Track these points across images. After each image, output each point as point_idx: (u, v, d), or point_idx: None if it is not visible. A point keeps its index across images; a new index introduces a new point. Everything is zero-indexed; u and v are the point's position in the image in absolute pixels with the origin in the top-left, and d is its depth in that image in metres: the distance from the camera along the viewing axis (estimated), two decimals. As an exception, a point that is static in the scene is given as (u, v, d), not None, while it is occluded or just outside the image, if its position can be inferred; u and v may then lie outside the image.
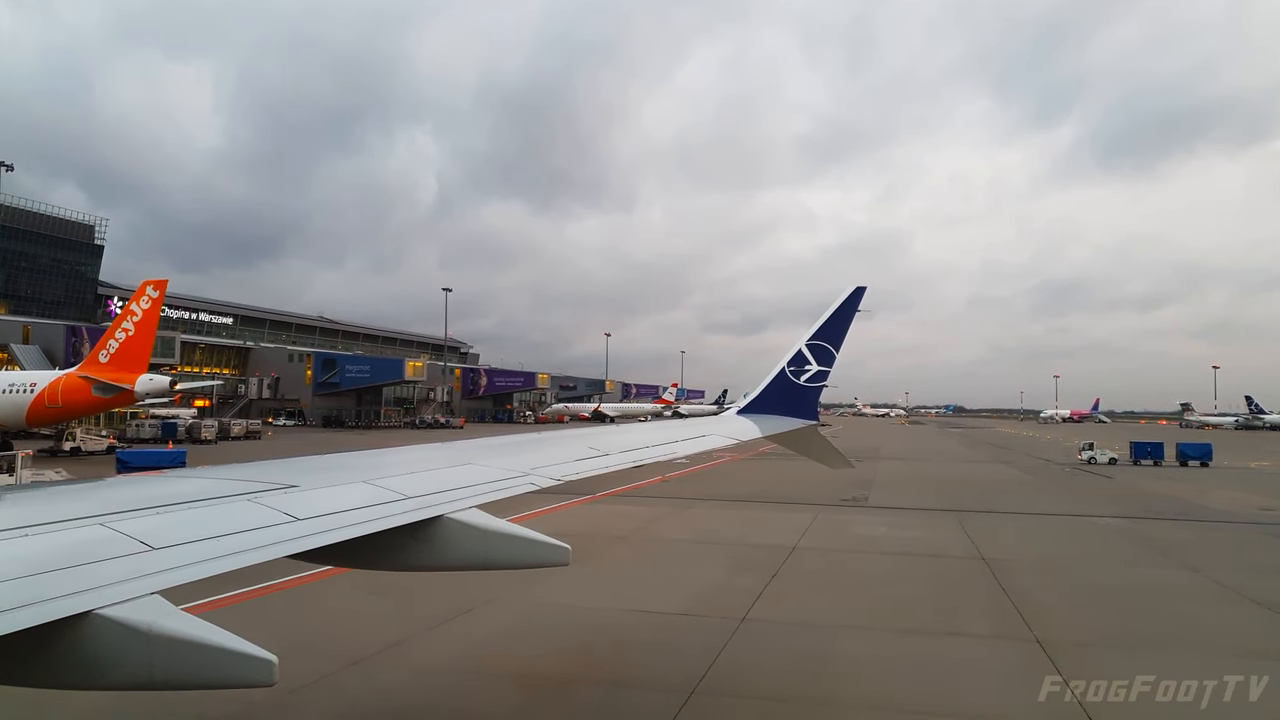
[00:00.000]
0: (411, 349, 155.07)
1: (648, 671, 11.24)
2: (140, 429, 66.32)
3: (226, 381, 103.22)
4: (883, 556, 19.85)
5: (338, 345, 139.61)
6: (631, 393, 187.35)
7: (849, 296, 12.04)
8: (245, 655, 3.10)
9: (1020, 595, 15.60)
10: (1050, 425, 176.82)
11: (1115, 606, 15.19)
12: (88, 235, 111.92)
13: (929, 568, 18.58)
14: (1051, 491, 36.50)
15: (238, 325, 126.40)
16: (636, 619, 13.82)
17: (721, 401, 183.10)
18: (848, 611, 14.48)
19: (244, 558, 3.65)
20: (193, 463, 46.42)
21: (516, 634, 12.81)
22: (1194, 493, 35.37)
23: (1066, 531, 24.61)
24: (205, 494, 4.44)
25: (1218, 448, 57.94)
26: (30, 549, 3.31)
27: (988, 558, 19.45)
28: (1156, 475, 44.65)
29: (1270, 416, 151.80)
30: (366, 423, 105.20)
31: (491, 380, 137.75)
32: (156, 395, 50.12)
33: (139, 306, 47.54)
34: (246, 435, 72.50)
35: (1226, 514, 28.57)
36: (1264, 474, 49.13)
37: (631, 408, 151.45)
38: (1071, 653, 11.92)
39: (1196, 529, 25.13)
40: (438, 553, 4.64)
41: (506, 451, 6.88)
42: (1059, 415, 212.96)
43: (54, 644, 2.99)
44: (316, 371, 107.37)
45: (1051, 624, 13.56)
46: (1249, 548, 21.89)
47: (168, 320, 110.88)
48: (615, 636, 12.87)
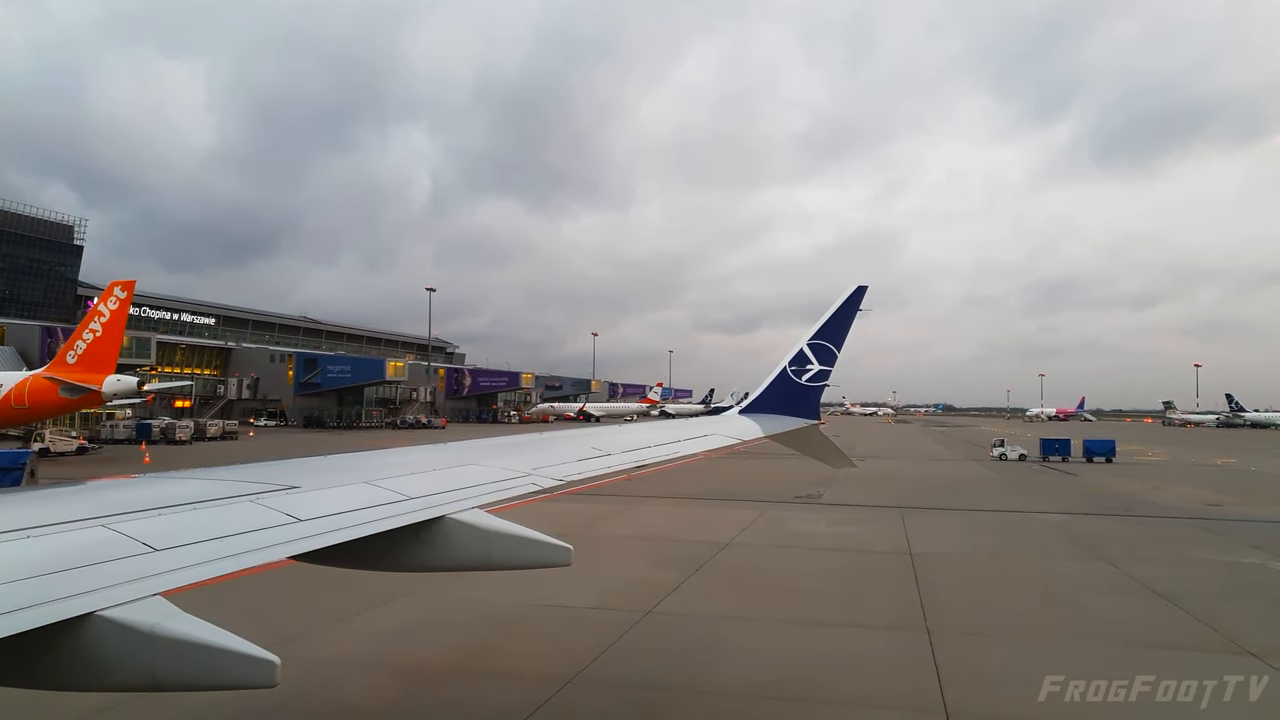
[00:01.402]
0: (397, 349, 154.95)
1: (535, 663, 11.46)
2: (115, 430, 66.15)
3: (205, 382, 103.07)
4: (811, 552, 20.14)
5: (322, 345, 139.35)
6: (618, 392, 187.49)
7: (850, 296, 12.02)
8: (247, 656, 3.09)
9: (930, 588, 15.90)
10: (1036, 424, 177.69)
11: (1017, 597, 15.50)
12: (67, 235, 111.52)
13: (852, 562, 18.87)
14: (1009, 489, 36.83)
15: (220, 326, 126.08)
16: (545, 613, 14.02)
17: (708, 401, 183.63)
18: (752, 604, 14.74)
19: (247, 559, 3.64)
20: (159, 464, 46.43)
21: (417, 627, 13.02)
22: (1149, 490, 35.83)
23: (1007, 527, 24.95)
24: (208, 495, 4.43)
25: (1171, 442, 58.50)
26: (34, 550, 3.31)
27: (915, 553, 19.75)
28: (1120, 473, 45.15)
29: (1250, 414, 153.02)
30: (348, 423, 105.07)
31: (476, 380, 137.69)
32: (125, 396, 50.06)
33: (106, 307, 47.45)
34: (223, 436, 72.38)
35: (1172, 509, 28.96)
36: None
37: (617, 407, 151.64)
38: (953, 641, 12.26)
39: (1135, 524, 25.53)
40: (440, 553, 4.63)
41: (509, 452, 6.86)
42: (1045, 414, 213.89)
43: (57, 646, 2.98)
44: (298, 372, 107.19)
45: (948, 615, 13.87)
46: (1181, 542, 22.19)
47: (148, 321, 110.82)
48: (517, 629, 13.08)
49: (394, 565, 4.66)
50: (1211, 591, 15.94)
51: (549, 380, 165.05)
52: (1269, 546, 20.96)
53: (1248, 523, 25.90)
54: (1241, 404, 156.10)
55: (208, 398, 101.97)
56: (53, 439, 51.24)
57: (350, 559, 4.43)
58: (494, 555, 4.72)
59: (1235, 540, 22.13)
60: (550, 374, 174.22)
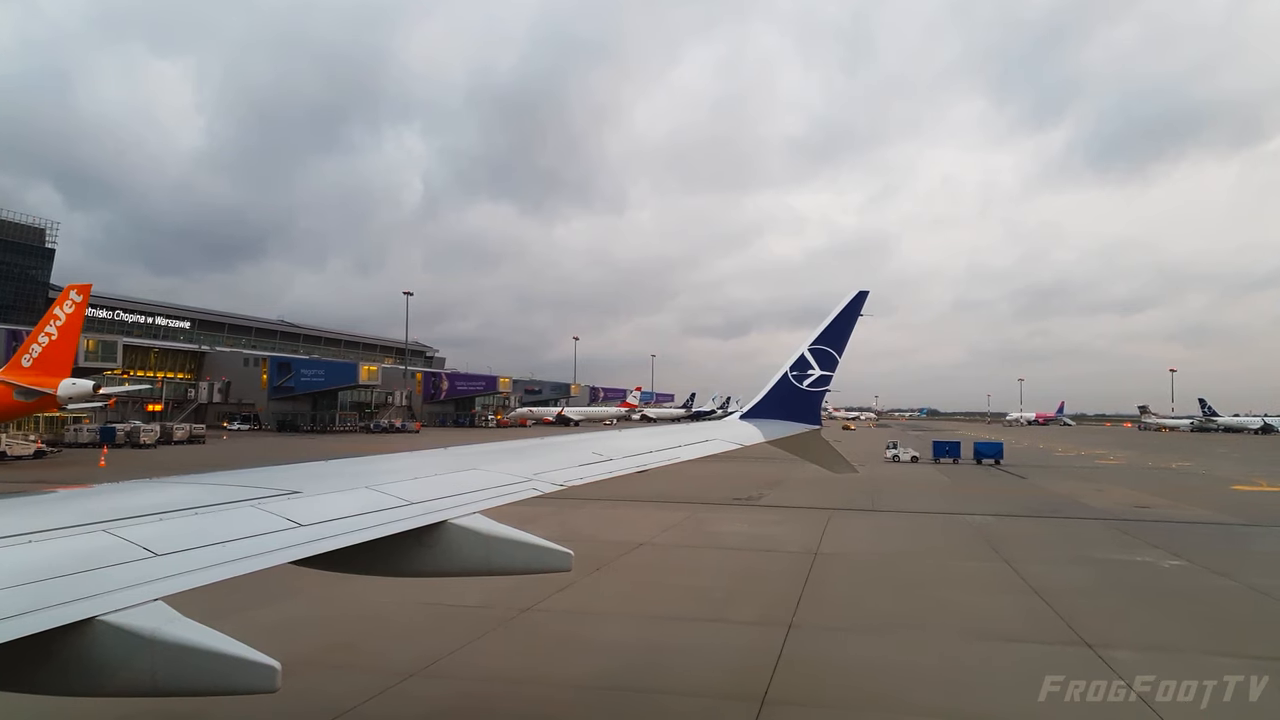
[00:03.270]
0: (375, 353, 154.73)
1: (387, 659, 11.72)
2: (79, 433, 65.91)
3: (176, 386, 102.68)
4: (718, 551, 20.52)
5: (299, 349, 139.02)
6: (599, 397, 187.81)
7: (851, 301, 12.08)
8: (248, 661, 3.11)
9: (816, 586, 16.29)
10: (1015, 428, 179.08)
11: (892, 595, 15.93)
12: (38, 239, 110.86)
13: (752, 562, 19.25)
14: (952, 490, 37.23)
15: (196, 329, 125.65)
16: (422, 610, 14.20)
17: (689, 405, 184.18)
18: (631, 602, 15.07)
19: (248, 564, 3.66)
20: (114, 467, 46.35)
21: (296, 623, 13.26)
22: (1090, 493, 36.38)
23: (930, 528, 25.36)
24: (209, 500, 4.44)
25: (1139, 446, 59.24)
26: (34, 556, 3.32)
27: (824, 553, 20.15)
28: (1067, 476, 45.78)
29: (1222, 419, 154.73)
30: (321, 427, 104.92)
31: (453, 384, 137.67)
32: (81, 400, 50.02)
33: (62, 311, 47.48)
34: (190, 440, 72.19)
35: (1100, 511, 29.40)
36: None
37: (596, 411, 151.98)
38: (807, 635, 12.68)
39: (1056, 525, 26.04)
40: (441, 558, 4.67)
41: (510, 456, 6.92)
42: (1024, 418, 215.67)
43: (58, 651, 2.99)
44: (272, 375, 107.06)
45: (817, 611, 14.27)
46: (1088, 543, 22.53)
47: (122, 325, 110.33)
48: (386, 626, 13.34)
49: (396, 570, 4.66)
50: (1083, 587, 16.42)
51: (528, 384, 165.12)
52: (1168, 546, 21.46)
53: (1164, 523, 26.44)
54: (1215, 409, 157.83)
55: (180, 401, 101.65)
56: (9, 443, 51.05)
57: (352, 564, 4.43)
58: (495, 560, 4.75)
59: (1140, 540, 22.62)
60: (531, 378, 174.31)
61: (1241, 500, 34.53)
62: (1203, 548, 21.50)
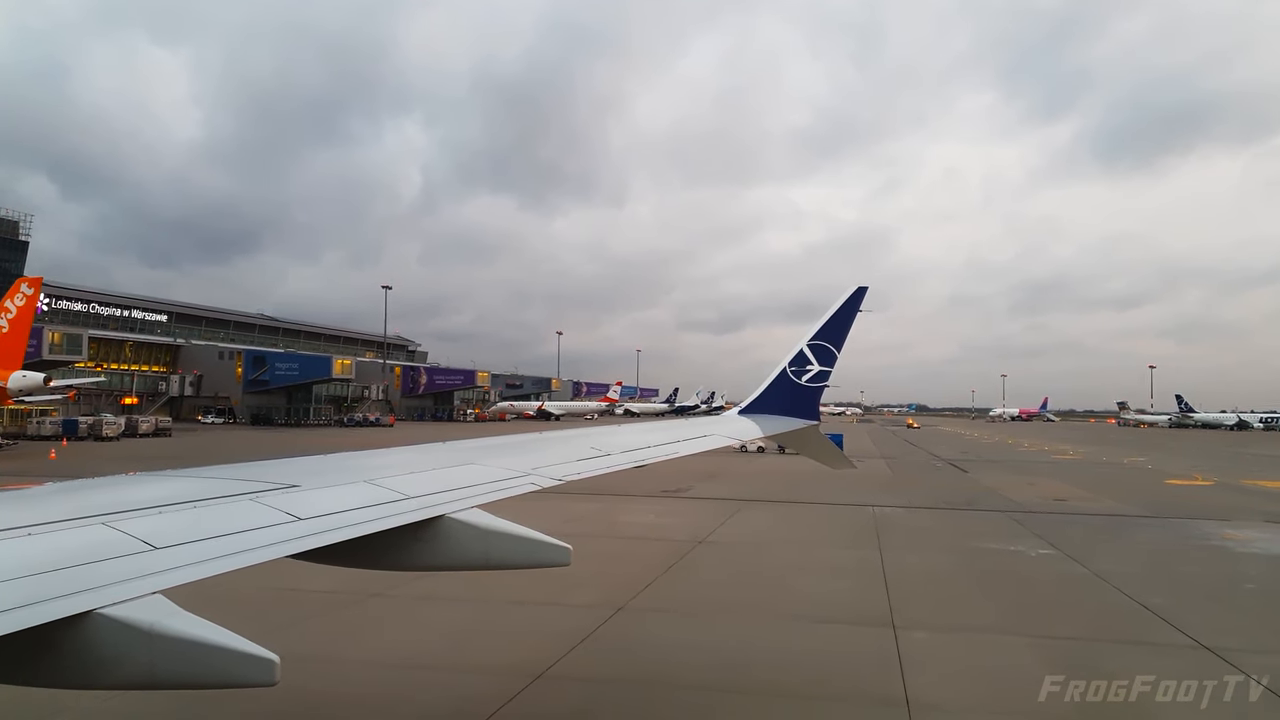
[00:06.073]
0: (356, 347, 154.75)
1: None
2: (41, 426, 66.14)
3: (147, 379, 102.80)
4: (606, 540, 21.02)
5: (279, 343, 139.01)
6: (582, 391, 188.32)
7: (850, 296, 12.12)
8: (247, 655, 3.11)
9: (675, 571, 16.88)
10: (997, 424, 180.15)
11: (740, 581, 16.54)
12: (11, 231, 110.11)
13: (627, 549, 19.81)
14: (886, 483, 37.73)
15: (173, 323, 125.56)
16: (273, 595, 14.69)
17: (672, 400, 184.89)
18: (486, 588, 15.47)
19: (246, 557, 3.68)
20: (65, 460, 46.57)
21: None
22: (1018, 486, 36.97)
23: (830, 519, 25.90)
24: (208, 494, 4.49)
25: (1107, 441, 59.83)
26: (33, 548, 3.33)
27: (708, 541, 20.73)
28: (1007, 470, 46.43)
29: (1199, 415, 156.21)
30: (295, 420, 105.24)
31: (431, 378, 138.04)
32: (31, 392, 50.27)
33: (13, 304, 47.69)
34: (155, 433, 72.47)
35: (1015, 504, 29.92)
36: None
37: (577, 406, 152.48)
38: (632, 618, 13.27)
39: (959, 517, 26.63)
40: (439, 553, 4.72)
41: (508, 451, 6.96)
42: (1008, 414, 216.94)
43: (56, 643, 3.00)
44: (247, 369, 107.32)
45: (656, 596, 14.81)
46: (975, 534, 22.90)
47: (96, 318, 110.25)
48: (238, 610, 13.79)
49: (393, 564, 4.72)
50: (935, 575, 17.03)
51: (510, 379, 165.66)
52: (1049, 536, 22.05)
53: (1065, 515, 27.06)
54: (1191, 405, 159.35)
55: (152, 394, 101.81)
56: (-37, 435, 51.32)
57: (350, 558, 4.48)
58: (493, 555, 4.81)
59: (1027, 531, 23.21)
60: (514, 373, 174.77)
61: (1164, 493, 35.17)
62: (1081, 538, 22.06)
